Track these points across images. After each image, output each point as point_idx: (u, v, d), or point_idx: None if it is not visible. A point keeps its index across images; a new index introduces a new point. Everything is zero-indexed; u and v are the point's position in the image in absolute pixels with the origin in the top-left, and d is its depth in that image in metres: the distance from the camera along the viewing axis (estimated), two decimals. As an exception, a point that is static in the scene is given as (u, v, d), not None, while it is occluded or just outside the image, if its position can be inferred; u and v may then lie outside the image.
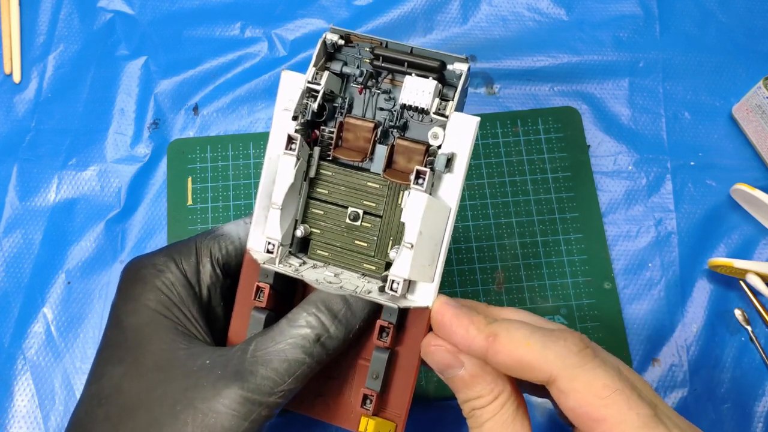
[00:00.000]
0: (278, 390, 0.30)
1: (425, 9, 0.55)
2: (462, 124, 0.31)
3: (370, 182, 0.33)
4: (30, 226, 0.50)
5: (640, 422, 0.27)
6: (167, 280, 0.33)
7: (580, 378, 0.28)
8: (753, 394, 0.46)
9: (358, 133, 0.33)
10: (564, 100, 0.53)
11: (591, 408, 0.27)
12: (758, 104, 0.48)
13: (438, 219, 0.31)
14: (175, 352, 0.31)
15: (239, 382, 0.29)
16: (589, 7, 0.55)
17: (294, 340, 0.31)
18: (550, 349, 0.28)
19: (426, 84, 0.30)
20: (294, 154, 0.31)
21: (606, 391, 0.27)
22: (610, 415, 0.27)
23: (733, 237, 0.49)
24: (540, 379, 0.29)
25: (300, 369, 0.30)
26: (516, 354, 0.29)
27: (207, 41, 0.55)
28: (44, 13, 0.55)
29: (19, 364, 0.46)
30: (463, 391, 0.31)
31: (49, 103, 0.53)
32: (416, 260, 0.30)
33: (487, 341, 0.30)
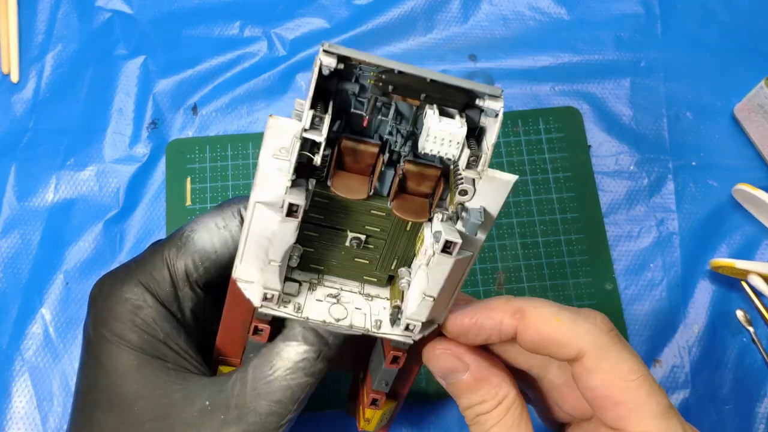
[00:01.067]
0: (284, 422, 0.29)
1: (425, 8, 0.55)
2: (497, 184, 0.26)
3: (374, 210, 0.28)
4: (28, 226, 0.49)
5: (658, 410, 0.27)
6: (147, 318, 0.30)
7: (609, 358, 0.28)
8: (755, 395, 0.46)
9: (360, 158, 0.27)
10: (565, 99, 0.52)
11: (614, 390, 0.27)
12: (760, 104, 0.48)
13: (459, 269, 0.28)
14: (171, 396, 0.29)
15: (243, 425, 0.28)
16: (590, 7, 0.55)
17: (293, 363, 0.29)
18: (581, 326, 0.28)
19: (454, 132, 0.25)
20: (297, 221, 0.26)
21: (631, 375, 0.27)
22: (630, 399, 0.27)
23: (735, 237, 0.49)
24: (567, 355, 0.28)
25: (304, 392, 0.29)
26: (545, 330, 0.28)
27: (206, 41, 0.54)
28: (42, 13, 0.55)
29: (18, 365, 0.46)
30: (467, 397, 0.30)
31: (48, 102, 0.53)
32: (436, 307, 0.28)
33: (514, 319, 0.29)
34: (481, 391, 0.30)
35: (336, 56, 0.24)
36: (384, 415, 0.34)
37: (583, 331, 0.28)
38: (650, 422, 0.27)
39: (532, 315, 0.28)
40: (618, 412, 0.27)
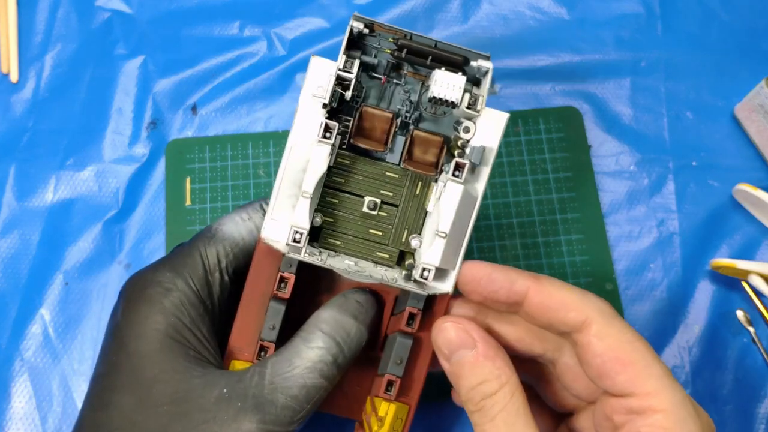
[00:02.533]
0: (297, 418, 0.29)
1: (426, 8, 0.55)
2: (492, 120, 0.32)
3: (388, 172, 0.34)
4: (27, 226, 0.49)
5: (664, 371, 0.29)
6: (176, 300, 0.31)
7: (614, 325, 0.29)
8: (755, 396, 0.45)
9: (376, 123, 0.33)
10: (565, 99, 0.52)
11: (622, 353, 0.29)
12: (761, 104, 0.48)
13: (467, 209, 0.32)
14: (191, 381, 0.30)
15: (260, 414, 0.29)
16: (590, 6, 0.55)
17: (312, 363, 0.30)
18: (589, 298, 0.30)
19: (457, 79, 0.31)
20: (330, 143, 0.31)
21: (635, 339, 0.29)
22: (638, 361, 0.29)
23: (736, 238, 0.49)
24: (574, 320, 0.30)
25: (318, 394, 0.30)
26: (558, 294, 0.30)
27: (206, 40, 0.54)
28: (42, 12, 0.55)
29: (17, 365, 0.46)
30: (470, 377, 0.30)
31: (47, 102, 0.52)
32: (447, 249, 0.31)
33: (529, 280, 0.31)
34: (485, 369, 0.30)
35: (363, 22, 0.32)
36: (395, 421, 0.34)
37: (591, 301, 0.30)
38: (659, 381, 0.28)
39: (546, 280, 0.31)
40: (627, 374, 0.29)
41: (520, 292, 0.31)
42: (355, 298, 0.33)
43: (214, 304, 0.33)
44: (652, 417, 0.28)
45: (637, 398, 0.29)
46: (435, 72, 0.32)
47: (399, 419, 0.34)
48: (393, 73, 0.33)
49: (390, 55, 0.33)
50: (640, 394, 0.28)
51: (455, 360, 0.31)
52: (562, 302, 0.30)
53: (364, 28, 0.33)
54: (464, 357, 0.30)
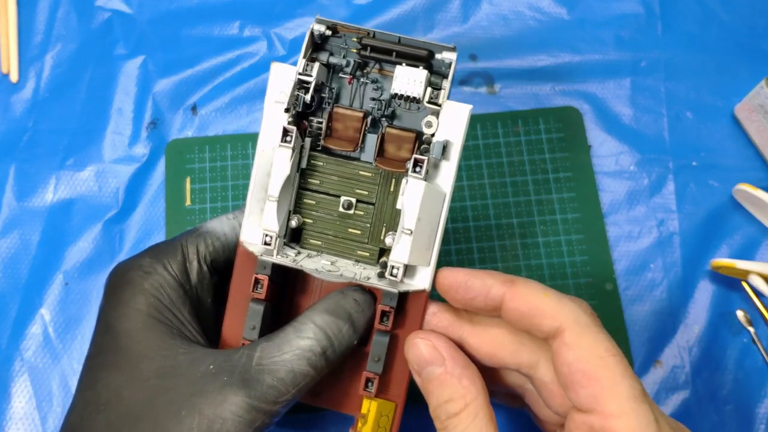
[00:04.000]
0: (282, 399, 0.30)
1: (425, 8, 0.55)
2: (455, 112, 0.32)
3: (361, 171, 0.34)
4: (27, 226, 0.49)
5: (631, 393, 0.27)
6: (156, 283, 0.33)
7: (587, 335, 0.29)
8: (755, 396, 0.45)
9: (348, 122, 0.33)
10: (565, 99, 0.52)
11: (590, 366, 0.28)
12: (761, 104, 0.48)
13: (434, 205, 0.32)
14: (176, 358, 0.31)
15: (246, 389, 0.29)
16: (590, 6, 0.55)
17: (301, 351, 0.31)
18: (566, 304, 0.30)
19: (417, 74, 0.31)
20: (290, 147, 0.31)
21: (607, 353, 0.28)
22: (605, 377, 0.28)
23: (736, 238, 0.49)
24: (549, 327, 0.29)
25: (304, 381, 0.30)
26: (532, 300, 0.30)
27: (205, 40, 0.54)
28: (42, 12, 0.55)
29: (17, 365, 0.46)
30: (437, 393, 0.31)
31: (47, 102, 0.52)
32: (415, 245, 0.31)
33: (504, 286, 0.30)
34: (450, 388, 0.30)
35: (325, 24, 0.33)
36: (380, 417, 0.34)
37: (567, 308, 0.29)
38: (624, 403, 0.27)
39: (522, 286, 0.30)
40: (592, 389, 0.28)
41: (496, 298, 0.31)
42: (354, 296, 0.33)
43: (192, 290, 0.34)
44: None
45: (598, 416, 0.27)
46: (396, 68, 0.32)
47: (385, 416, 0.34)
48: (359, 72, 0.34)
49: (357, 54, 0.33)
50: (602, 412, 0.27)
51: (424, 375, 0.31)
52: (537, 309, 0.30)
53: (327, 30, 0.33)
54: (432, 373, 0.31)
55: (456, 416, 0.30)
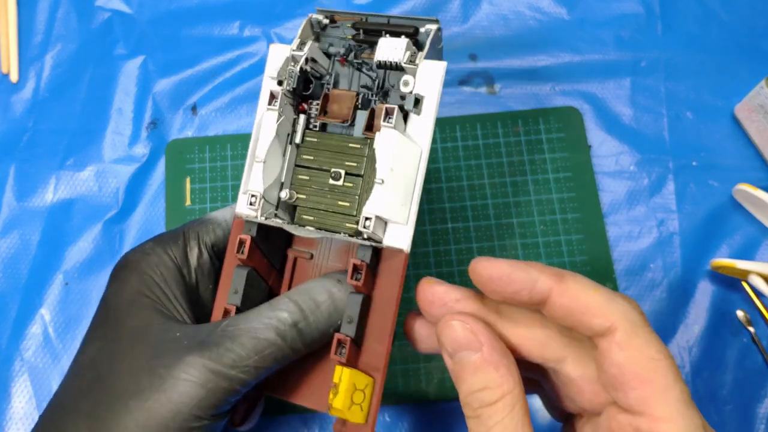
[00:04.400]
0: (242, 364, 0.29)
1: (425, 8, 0.55)
2: (430, 70, 0.32)
3: (350, 143, 0.34)
4: (27, 226, 0.49)
5: (681, 397, 0.27)
6: (151, 262, 0.34)
7: (639, 336, 0.27)
8: (755, 396, 0.45)
9: (342, 102, 0.34)
10: (565, 99, 0.52)
11: (641, 368, 0.27)
12: (760, 104, 0.48)
13: (409, 158, 0.31)
14: (149, 327, 0.32)
15: (201, 351, 0.30)
16: (590, 6, 0.55)
17: (269, 321, 0.30)
18: (617, 302, 0.28)
19: (398, 42, 0.32)
20: (276, 109, 0.33)
21: (660, 355, 0.27)
22: (656, 380, 0.27)
23: (736, 238, 0.49)
24: (599, 326, 0.28)
25: (268, 349, 0.30)
26: (583, 297, 0.28)
27: (205, 40, 0.54)
28: (42, 12, 0.55)
29: (17, 365, 0.46)
30: (470, 380, 0.28)
31: (47, 102, 0.53)
32: (388, 197, 0.30)
33: (552, 280, 0.28)
34: (488, 375, 0.28)
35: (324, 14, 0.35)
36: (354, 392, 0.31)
37: (619, 306, 0.28)
38: (673, 408, 0.26)
39: (571, 281, 0.28)
40: (642, 391, 0.27)
41: (543, 292, 0.28)
42: (338, 276, 0.33)
43: (191, 275, 0.35)
44: None
45: (647, 419, 0.27)
46: (380, 40, 0.33)
47: (360, 391, 0.31)
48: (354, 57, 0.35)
49: (352, 40, 0.34)
50: (652, 415, 0.26)
51: (458, 360, 0.29)
52: (587, 306, 0.28)
53: (325, 19, 0.35)
54: (467, 358, 0.29)
55: (491, 406, 0.28)
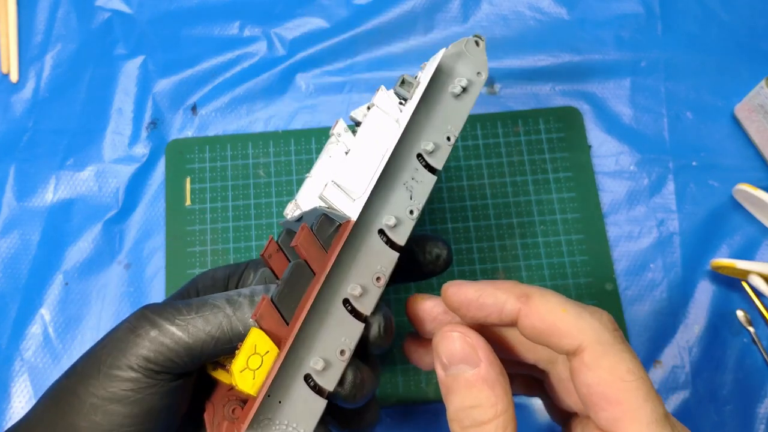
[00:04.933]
0: (182, 319, 0.28)
1: (425, 8, 0.55)
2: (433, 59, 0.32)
3: None
4: (27, 226, 0.49)
5: (652, 417, 0.26)
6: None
7: (609, 355, 0.27)
8: (755, 396, 0.45)
9: None
10: (565, 99, 0.52)
11: (611, 388, 0.26)
12: (760, 104, 0.48)
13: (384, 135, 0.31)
14: None
15: (149, 304, 0.29)
16: (590, 6, 0.55)
17: (227, 293, 0.29)
18: (585, 320, 0.27)
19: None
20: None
21: (630, 376, 0.26)
22: (626, 401, 0.26)
23: (736, 238, 0.49)
24: (568, 347, 0.27)
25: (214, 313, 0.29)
26: (550, 318, 0.27)
27: (205, 40, 0.54)
28: (42, 12, 0.55)
29: (17, 365, 0.46)
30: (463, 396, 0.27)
31: (47, 102, 0.52)
32: (351, 167, 0.30)
33: (519, 302, 0.28)
34: (482, 393, 0.27)
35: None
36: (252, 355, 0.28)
37: (587, 325, 0.27)
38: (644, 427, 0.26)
39: (538, 301, 0.28)
40: (612, 412, 0.26)
41: (512, 314, 0.28)
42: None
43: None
44: None
45: None
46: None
47: (258, 355, 0.28)
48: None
49: None
50: None
51: (452, 373, 0.28)
52: (554, 327, 0.27)
53: None
54: (463, 373, 0.27)
55: (482, 425, 0.27)
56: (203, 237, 0.48)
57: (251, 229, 0.49)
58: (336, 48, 0.54)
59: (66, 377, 0.30)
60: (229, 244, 0.48)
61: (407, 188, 0.31)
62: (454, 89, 0.32)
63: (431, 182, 0.32)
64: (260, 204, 0.49)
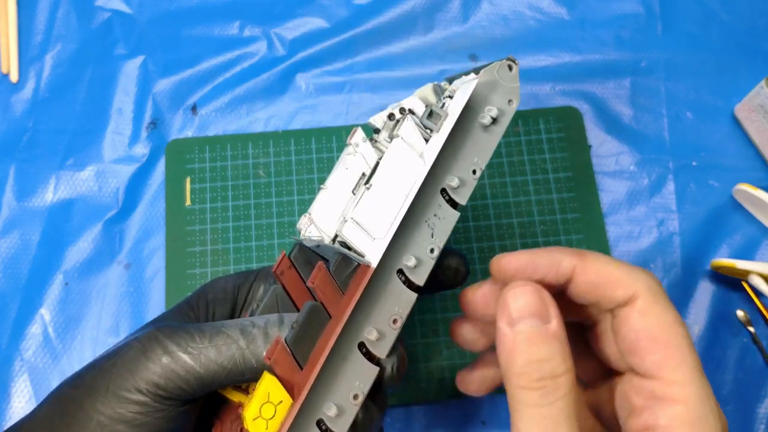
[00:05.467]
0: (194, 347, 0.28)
1: (426, 8, 0.55)
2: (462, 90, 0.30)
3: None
4: (27, 226, 0.49)
5: (695, 365, 0.27)
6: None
7: (659, 304, 0.28)
8: (755, 396, 0.45)
9: None
10: (565, 99, 0.52)
11: (662, 332, 0.27)
12: (760, 104, 0.48)
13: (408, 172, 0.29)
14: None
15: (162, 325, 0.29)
16: (590, 6, 0.55)
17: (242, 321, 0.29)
18: (637, 273, 0.29)
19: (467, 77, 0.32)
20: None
21: (677, 324, 0.28)
22: (675, 345, 0.27)
23: (736, 238, 0.49)
24: (622, 296, 0.28)
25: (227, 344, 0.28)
26: (605, 271, 0.29)
27: (205, 40, 0.54)
28: (42, 12, 0.55)
29: (17, 365, 0.46)
30: (533, 350, 0.26)
31: (47, 102, 0.52)
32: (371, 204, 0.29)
33: (575, 258, 0.29)
34: (555, 347, 0.27)
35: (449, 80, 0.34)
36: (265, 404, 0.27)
37: (639, 277, 0.28)
38: (688, 373, 0.27)
39: (592, 258, 0.29)
40: (658, 356, 0.27)
41: (567, 272, 0.29)
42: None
43: None
44: (673, 407, 0.26)
45: (661, 383, 0.27)
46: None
47: (272, 406, 0.27)
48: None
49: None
50: (666, 379, 0.27)
51: (520, 328, 0.27)
52: (610, 279, 0.28)
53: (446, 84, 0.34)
54: (533, 327, 0.27)
55: (556, 378, 0.26)
56: (203, 237, 0.48)
57: (251, 229, 0.49)
58: (336, 48, 0.54)
59: (72, 386, 0.30)
60: (229, 244, 0.48)
61: (429, 225, 0.30)
62: (483, 119, 0.30)
63: (454, 219, 0.30)
64: (260, 204, 0.49)
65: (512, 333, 0.27)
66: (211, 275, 0.47)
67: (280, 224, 0.49)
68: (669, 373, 0.27)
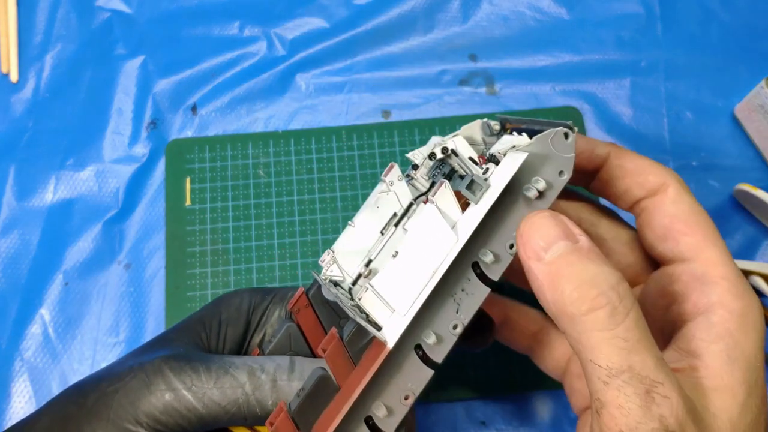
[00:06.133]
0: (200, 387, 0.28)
1: (425, 7, 0.55)
2: (508, 161, 0.27)
3: None
4: (27, 226, 0.49)
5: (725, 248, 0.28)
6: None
7: (688, 194, 0.30)
8: (755, 396, 0.45)
9: None
10: (565, 99, 0.52)
11: (695, 217, 0.29)
12: (761, 104, 0.48)
13: (439, 243, 0.26)
14: None
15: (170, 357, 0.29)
16: (590, 6, 0.55)
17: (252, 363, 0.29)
18: (666, 167, 0.30)
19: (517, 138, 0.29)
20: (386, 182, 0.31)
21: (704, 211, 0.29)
22: (708, 228, 0.29)
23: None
24: (653, 183, 0.30)
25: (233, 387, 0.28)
26: (638, 159, 0.30)
27: (205, 40, 0.54)
28: (42, 12, 0.55)
29: (17, 365, 0.46)
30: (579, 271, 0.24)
31: (47, 102, 0.52)
32: (395, 274, 0.26)
33: (609, 146, 0.31)
34: (598, 258, 0.24)
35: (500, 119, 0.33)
36: None
37: (668, 169, 0.30)
38: (724, 254, 0.28)
39: (625, 149, 0.31)
40: (694, 237, 0.28)
41: (602, 155, 0.31)
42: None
43: None
44: (720, 283, 0.27)
45: (701, 263, 0.28)
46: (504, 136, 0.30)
47: None
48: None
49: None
50: (704, 260, 0.28)
51: (553, 254, 0.24)
52: (642, 166, 0.30)
53: (496, 125, 0.32)
54: (566, 248, 0.24)
55: (615, 289, 0.23)
56: (203, 237, 0.48)
57: (251, 229, 0.49)
58: (336, 48, 0.54)
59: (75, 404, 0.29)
60: (229, 244, 0.48)
61: (455, 300, 0.27)
62: (528, 192, 0.27)
63: (483, 295, 0.27)
64: (260, 204, 0.49)
65: (546, 264, 0.24)
66: (211, 275, 0.47)
67: (280, 224, 0.49)
68: (707, 253, 0.28)
